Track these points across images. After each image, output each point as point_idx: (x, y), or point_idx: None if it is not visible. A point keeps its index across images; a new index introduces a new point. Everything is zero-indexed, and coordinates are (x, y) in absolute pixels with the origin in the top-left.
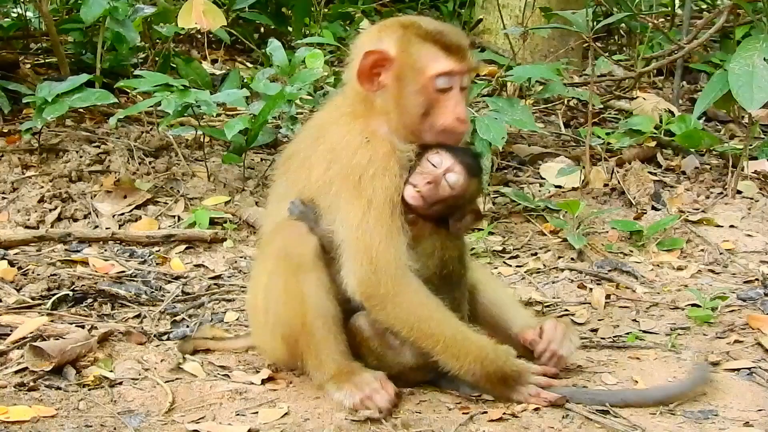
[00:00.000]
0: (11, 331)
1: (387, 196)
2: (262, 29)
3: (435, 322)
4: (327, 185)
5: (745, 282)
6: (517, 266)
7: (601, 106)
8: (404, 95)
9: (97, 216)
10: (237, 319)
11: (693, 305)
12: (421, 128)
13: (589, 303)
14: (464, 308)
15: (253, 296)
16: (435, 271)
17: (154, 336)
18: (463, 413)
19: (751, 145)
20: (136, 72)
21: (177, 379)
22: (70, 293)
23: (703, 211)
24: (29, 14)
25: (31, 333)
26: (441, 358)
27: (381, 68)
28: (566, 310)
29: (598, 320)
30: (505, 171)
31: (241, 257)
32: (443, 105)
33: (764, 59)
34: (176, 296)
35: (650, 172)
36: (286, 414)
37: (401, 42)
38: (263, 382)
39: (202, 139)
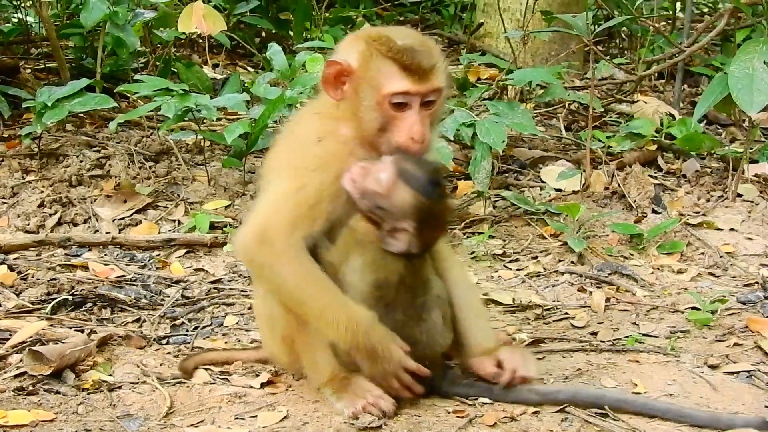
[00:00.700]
0: (10, 335)
1: (318, 192)
2: (263, 33)
3: (311, 290)
4: (274, 169)
5: (745, 285)
6: (517, 269)
7: (602, 109)
8: (361, 108)
9: (97, 220)
10: (237, 323)
11: (693, 308)
12: (378, 141)
13: (589, 306)
14: (433, 315)
15: (257, 296)
16: (381, 278)
17: (154, 340)
18: (461, 417)
19: (751, 149)
20: (137, 76)
21: (176, 383)
22: (70, 297)
23: (703, 215)
24: (30, 19)
25: (31, 337)
26: (317, 325)
27: (345, 78)
28: (566, 313)
29: (598, 323)
30: (506, 174)
31: (241, 261)
32: (399, 123)
33: (764, 62)
34: (176, 300)
35: (651, 176)
36: (285, 417)
37: (363, 56)
38: (262, 385)
39: (202, 144)
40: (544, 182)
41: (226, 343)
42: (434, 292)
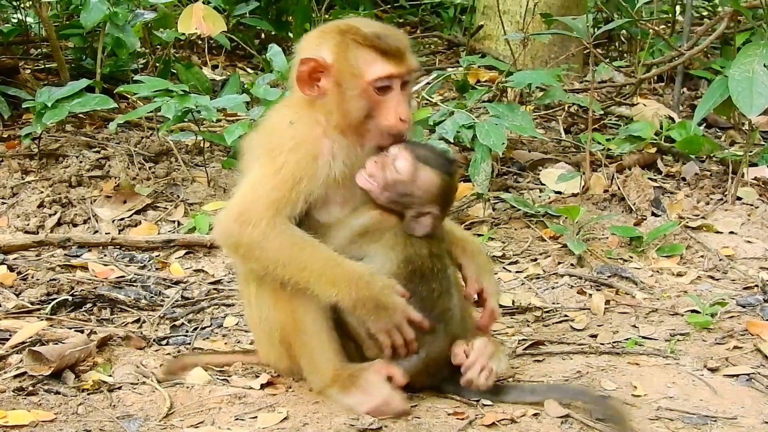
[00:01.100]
0: (10, 335)
1: (296, 172)
2: (262, 35)
3: (306, 255)
4: (250, 158)
5: (744, 288)
6: (516, 272)
7: (602, 112)
8: (345, 100)
9: (97, 221)
10: (236, 324)
11: (692, 311)
12: (364, 129)
13: (589, 309)
14: (446, 301)
15: (248, 305)
16: (399, 265)
17: (153, 341)
18: (461, 419)
19: (751, 152)
20: (137, 77)
21: (176, 383)
22: (70, 298)
23: (702, 218)
24: (29, 20)
25: (30, 337)
26: (317, 288)
27: (320, 74)
28: (566, 315)
29: (598, 326)
30: (505, 177)
31: (225, 252)
32: (385, 106)
33: (764, 65)
34: (176, 301)
35: (650, 178)
36: (285, 419)
37: (338, 48)
38: (262, 386)
39: (202, 145)
40: (544, 184)
41: (225, 344)
42: (445, 279)
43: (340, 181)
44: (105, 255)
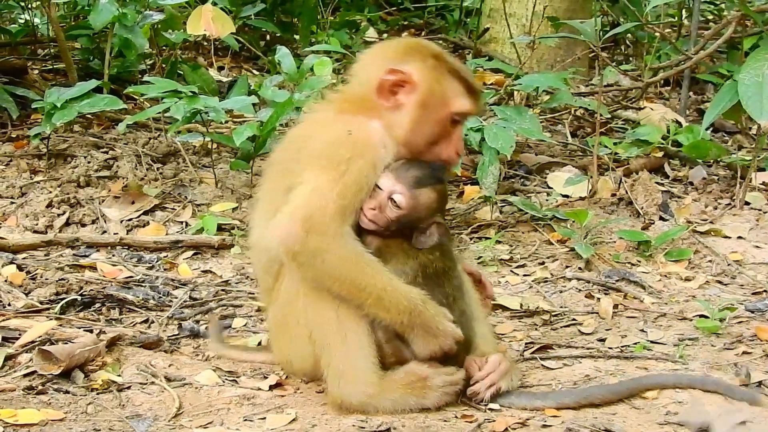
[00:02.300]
0: (20, 335)
1: (359, 179)
2: (268, 37)
3: (366, 276)
4: (304, 169)
5: (753, 293)
6: (524, 275)
7: (609, 115)
8: (421, 121)
9: (105, 221)
10: (245, 325)
11: (701, 316)
12: (423, 151)
13: (597, 313)
14: (460, 304)
15: (276, 303)
16: (416, 275)
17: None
18: (470, 422)
19: (759, 156)
20: (144, 78)
21: (185, 383)
22: (79, 298)
23: (710, 222)
24: (37, 20)
25: (40, 337)
26: (371, 310)
27: (400, 88)
28: (574, 319)
29: (606, 330)
30: (513, 180)
31: (248, 263)
32: (449, 138)
33: None
34: (184, 302)
35: (658, 183)
36: (293, 420)
37: (431, 71)
38: (271, 387)
39: (209, 146)
40: (551, 188)
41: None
42: (456, 279)
43: None
44: (113, 255)
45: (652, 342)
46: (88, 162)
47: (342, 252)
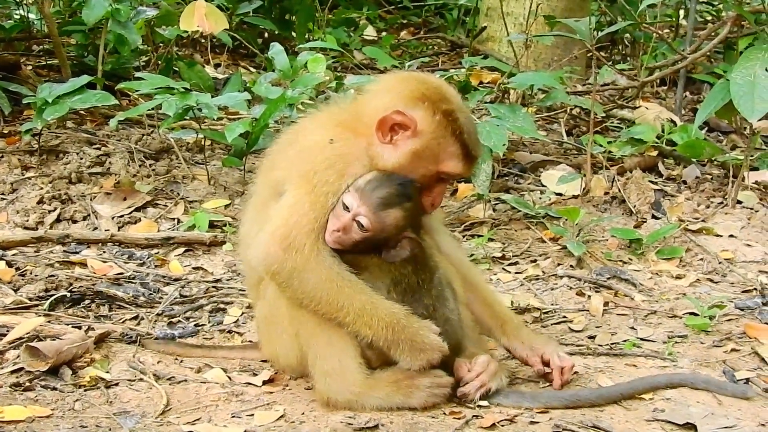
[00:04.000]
0: (8, 331)
1: (328, 189)
2: (265, 34)
3: (343, 295)
4: (286, 179)
5: (743, 291)
6: (516, 273)
7: (604, 114)
8: (409, 167)
9: (96, 218)
10: (235, 322)
11: (691, 314)
12: None
13: (588, 310)
14: (443, 312)
15: (265, 300)
16: (390, 289)
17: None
18: (458, 418)
19: (752, 156)
20: (138, 74)
21: (173, 380)
22: (68, 294)
23: (703, 221)
24: (31, 16)
25: (28, 333)
26: (353, 327)
27: (401, 130)
28: (564, 316)
29: (596, 327)
30: (506, 178)
31: (240, 260)
32: (431, 190)
33: (766, 69)
34: (174, 298)
35: (651, 181)
36: (281, 416)
37: (437, 127)
38: (259, 384)
39: (202, 142)
40: (545, 186)
41: (224, 341)
42: (436, 288)
43: None
44: (104, 252)
45: (641, 339)
46: (80, 158)
47: (319, 272)
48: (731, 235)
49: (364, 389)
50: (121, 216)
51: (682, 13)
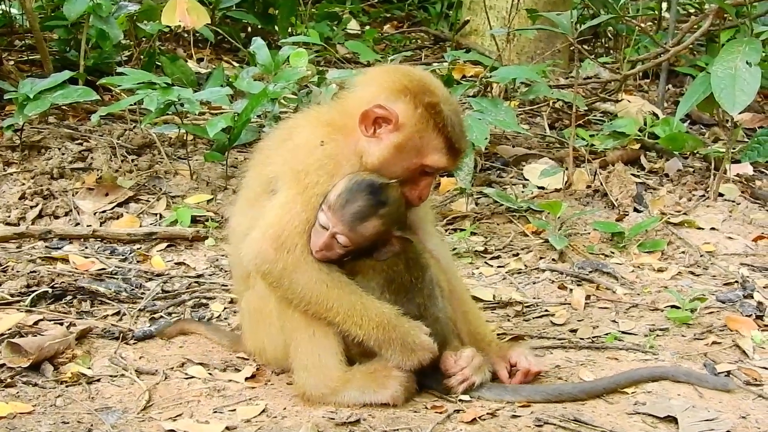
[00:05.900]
0: None
1: (319, 191)
2: (248, 29)
3: (333, 296)
4: (279, 177)
5: (724, 284)
6: (498, 266)
7: (586, 108)
8: (393, 161)
9: (79, 213)
10: (218, 317)
11: (672, 307)
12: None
13: (569, 303)
14: (433, 311)
15: (249, 293)
16: (383, 289)
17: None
18: (440, 412)
19: (733, 149)
20: (120, 69)
21: (155, 376)
22: (50, 290)
23: (684, 214)
24: (13, 11)
25: (9, 329)
26: (343, 327)
27: (383, 124)
28: (546, 310)
29: (578, 321)
30: (489, 172)
31: (222, 255)
32: (416, 183)
33: (747, 62)
34: (156, 294)
35: (633, 174)
36: (263, 411)
37: (418, 120)
38: (242, 379)
39: (185, 137)
40: (527, 180)
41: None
42: (427, 287)
43: None
44: (86, 247)
45: (623, 332)
46: (62, 154)
47: (309, 273)
48: (713, 228)
49: (339, 384)
50: (104, 211)
51: (664, 5)
